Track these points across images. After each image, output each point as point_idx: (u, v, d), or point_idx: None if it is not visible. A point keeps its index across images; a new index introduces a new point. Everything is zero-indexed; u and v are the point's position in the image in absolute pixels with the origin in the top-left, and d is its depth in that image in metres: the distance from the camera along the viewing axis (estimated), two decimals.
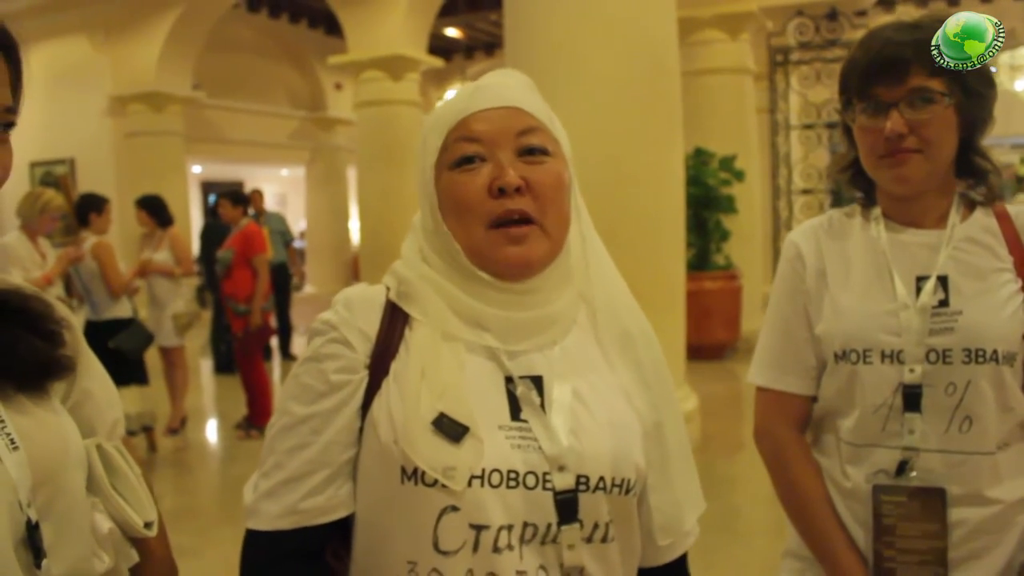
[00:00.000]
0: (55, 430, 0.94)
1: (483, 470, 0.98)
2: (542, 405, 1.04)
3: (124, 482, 0.99)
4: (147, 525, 1.00)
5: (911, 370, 1.39)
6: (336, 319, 1.07)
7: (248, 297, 6.30)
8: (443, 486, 0.96)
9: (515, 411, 1.03)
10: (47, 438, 0.92)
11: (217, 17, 11.95)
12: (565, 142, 1.13)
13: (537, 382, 1.05)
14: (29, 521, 0.86)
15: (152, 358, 6.08)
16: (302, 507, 1.01)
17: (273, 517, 1.02)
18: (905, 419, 1.40)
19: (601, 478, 1.02)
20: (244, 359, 6.45)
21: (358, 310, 1.08)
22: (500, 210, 1.04)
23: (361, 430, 1.04)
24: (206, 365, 9.76)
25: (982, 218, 1.46)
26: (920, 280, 1.43)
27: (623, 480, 1.04)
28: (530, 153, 1.07)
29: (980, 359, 1.38)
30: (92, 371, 1.05)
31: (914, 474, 1.40)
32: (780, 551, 1.64)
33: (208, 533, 4.56)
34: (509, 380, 1.05)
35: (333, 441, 1.03)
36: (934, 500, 1.38)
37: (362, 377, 1.05)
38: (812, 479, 1.52)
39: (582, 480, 1.01)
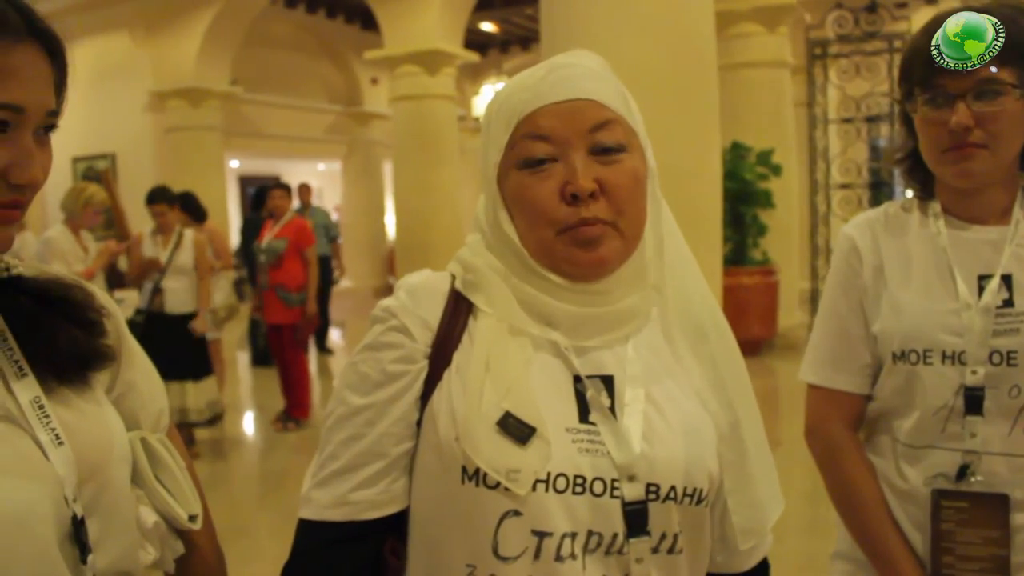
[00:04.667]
0: (100, 423, 0.93)
1: (548, 474, 0.93)
2: (612, 408, 0.98)
3: (168, 475, 0.99)
4: (191, 518, 1.00)
5: (973, 372, 1.35)
6: (397, 306, 1.02)
7: (300, 287, 6.33)
8: (506, 489, 0.92)
9: (583, 413, 0.98)
10: (92, 432, 0.91)
11: (255, 13, 12.05)
12: (642, 128, 1.05)
13: (607, 382, 1.00)
14: (75, 516, 0.86)
15: None
16: (352, 498, 0.97)
17: (322, 507, 0.98)
18: (966, 422, 1.36)
19: (672, 487, 0.97)
20: (293, 349, 6.46)
21: (420, 297, 1.03)
22: (574, 219, 0.97)
23: (419, 423, 1.00)
24: (243, 357, 9.86)
25: None
26: (983, 279, 1.38)
27: (695, 490, 0.98)
28: (605, 152, 0.99)
29: None
30: (135, 362, 1.04)
31: (976, 478, 1.36)
32: (814, 550, 1.61)
33: (245, 523, 4.61)
34: (578, 380, 0.99)
35: (387, 433, 0.98)
36: (996, 506, 1.34)
37: (421, 367, 1.00)
38: (867, 479, 1.48)
39: (652, 489, 0.96)
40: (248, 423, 7.25)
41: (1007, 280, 1.37)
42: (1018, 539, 1.35)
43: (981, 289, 1.38)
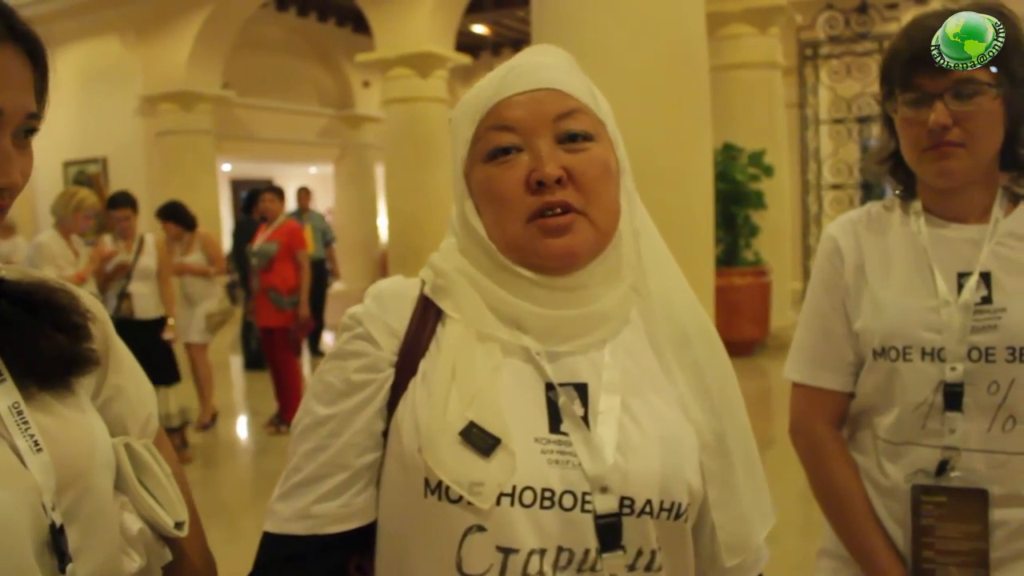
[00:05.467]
0: (81, 429, 0.92)
1: (514, 487, 0.89)
2: (585, 417, 0.94)
3: (154, 481, 0.97)
4: (178, 525, 0.97)
5: (952, 368, 1.36)
6: (362, 314, 0.99)
7: (291, 290, 6.33)
8: (469, 503, 0.88)
9: (555, 422, 0.93)
10: (73, 438, 0.90)
11: (246, 16, 12.03)
12: (611, 122, 1.02)
13: (581, 390, 0.95)
14: (53, 525, 0.84)
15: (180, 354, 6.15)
16: (314, 511, 0.94)
17: (284, 519, 0.95)
18: (946, 418, 1.37)
19: (648, 501, 0.92)
20: (284, 352, 6.45)
21: (388, 304, 1.00)
22: (539, 204, 0.94)
23: (386, 433, 0.96)
24: (236, 361, 9.84)
25: None
26: (962, 276, 1.40)
27: (673, 504, 0.94)
28: (571, 139, 0.96)
29: None
30: (123, 366, 1.02)
31: (955, 474, 1.37)
32: (810, 549, 1.62)
33: (238, 528, 4.60)
34: (550, 387, 0.95)
35: (350, 444, 0.95)
36: (976, 501, 1.36)
37: (387, 376, 0.97)
38: (849, 476, 1.49)
39: (626, 503, 0.91)
40: (241, 427, 7.23)
41: (986, 277, 1.39)
42: (997, 534, 1.36)
43: (960, 286, 1.39)
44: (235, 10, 11.71)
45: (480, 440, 0.89)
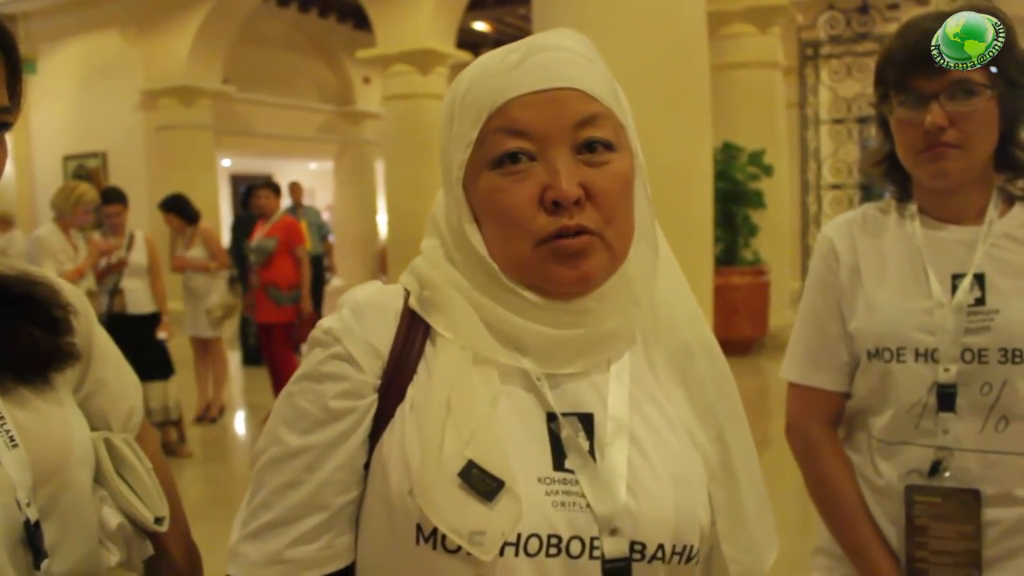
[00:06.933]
0: (59, 424, 0.90)
1: (518, 536, 0.80)
2: (592, 450, 0.85)
3: (134, 476, 0.95)
4: (158, 520, 0.95)
5: (946, 369, 1.37)
6: (340, 329, 0.88)
7: (291, 286, 6.32)
8: (468, 554, 0.78)
9: (558, 458, 0.84)
10: (49, 433, 0.88)
11: (247, 11, 12.02)
12: (631, 122, 0.91)
13: (586, 420, 0.87)
14: (28, 521, 0.82)
15: (182, 349, 6.15)
16: (288, 556, 0.84)
17: (253, 564, 0.85)
18: (939, 419, 1.38)
19: (660, 546, 0.84)
20: (282, 348, 6.44)
21: (369, 318, 0.89)
22: (554, 227, 0.83)
23: (367, 466, 0.86)
24: (234, 357, 9.83)
25: (1021, 214, 1.43)
26: (956, 278, 1.40)
27: (685, 547, 0.86)
28: (590, 149, 0.85)
29: (1017, 359, 1.35)
30: (106, 360, 1.00)
31: (948, 474, 1.38)
32: (806, 548, 1.63)
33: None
34: (552, 417, 0.86)
35: (329, 481, 0.85)
36: (968, 501, 1.36)
37: (370, 403, 0.86)
38: (844, 476, 1.50)
39: (637, 548, 0.83)
40: (240, 422, 7.23)
41: (979, 279, 1.39)
42: (989, 533, 1.37)
43: (955, 288, 1.40)
44: (236, 5, 11.71)
45: (481, 483, 0.80)
